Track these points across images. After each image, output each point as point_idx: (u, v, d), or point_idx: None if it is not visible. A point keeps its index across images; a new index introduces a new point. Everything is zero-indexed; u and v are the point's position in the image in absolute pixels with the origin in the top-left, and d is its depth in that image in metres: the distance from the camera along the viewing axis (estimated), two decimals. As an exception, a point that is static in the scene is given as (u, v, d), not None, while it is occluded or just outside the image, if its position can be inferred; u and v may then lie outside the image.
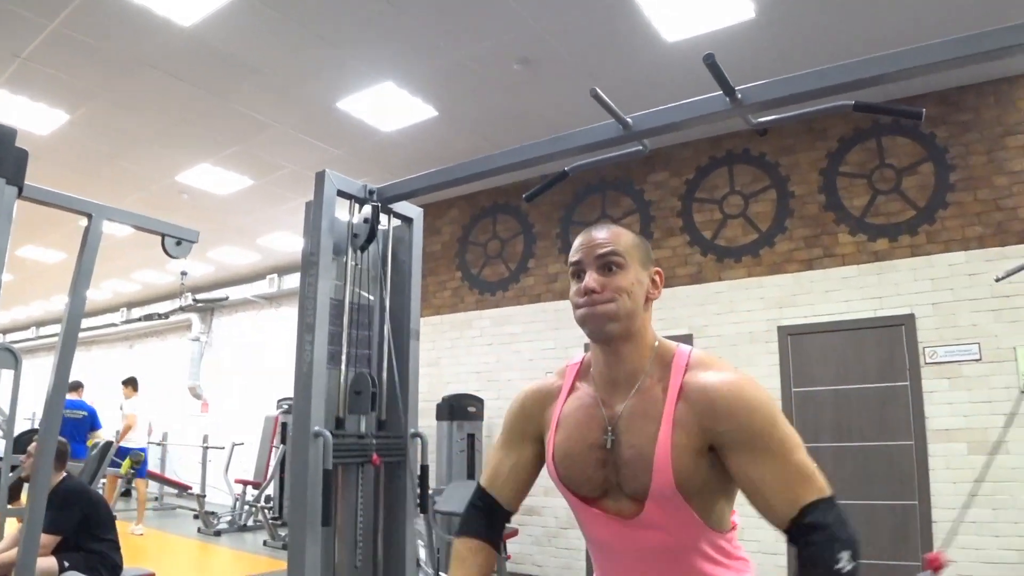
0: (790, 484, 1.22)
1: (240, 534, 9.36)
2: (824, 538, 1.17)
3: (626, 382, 1.39)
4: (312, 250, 2.72)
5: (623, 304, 1.34)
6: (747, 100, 2.08)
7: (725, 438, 1.26)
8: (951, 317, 5.17)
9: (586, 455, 1.38)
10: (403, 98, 5.65)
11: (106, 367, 16.42)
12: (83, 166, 7.19)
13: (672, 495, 1.28)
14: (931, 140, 5.43)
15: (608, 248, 1.37)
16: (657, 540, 1.34)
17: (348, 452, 2.74)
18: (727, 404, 1.27)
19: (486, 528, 1.54)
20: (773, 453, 1.23)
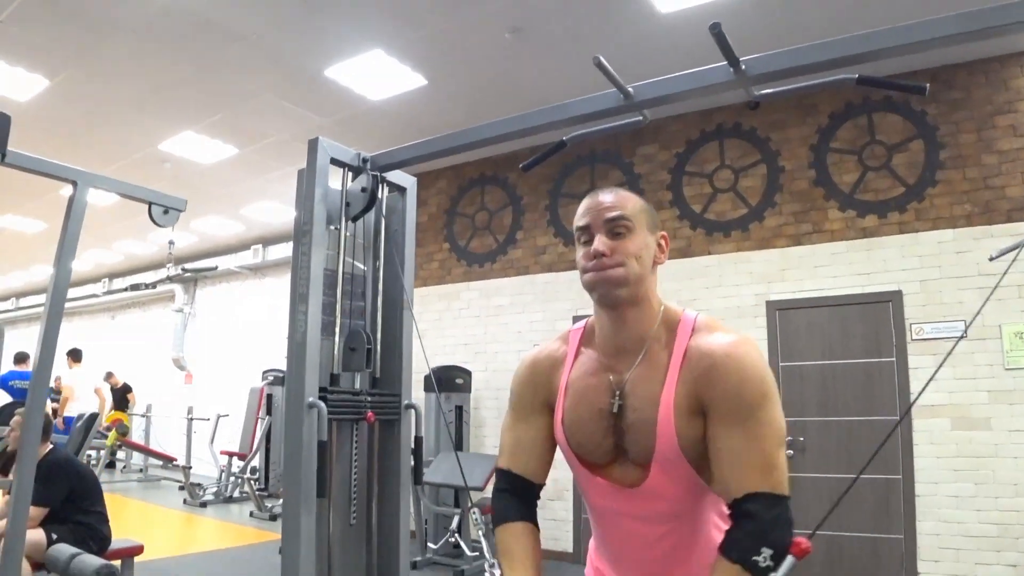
0: (748, 466, 1.22)
1: (226, 505, 9.37)
2: (753, 529, 1.19)
3: (633, 347, 1.38)
4: (305, 219, 2.68)
5: (632, 268, 1.34)
6: (751, 71, 2.05)
7: (711, 403, 1.27)
8: (938, 294, 5.20)
9: (595, 422, 1.38)
10: (392, 66, 5.57)
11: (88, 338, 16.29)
12: (63, 134, 7.05)
13: (676, 458, 1.28)
14: (922, 118, 5.43)
15: (616, 212, 1.36)
16: (661, 508, 1.35)
17: (343, 408, 2.72)
18: (720, 372, 1.27)
19: (522, 508, 1.50)
20: (745, 432, 1.23)
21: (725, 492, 1.25)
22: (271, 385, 9.95)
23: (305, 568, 2.53)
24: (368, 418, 2.78)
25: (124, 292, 14.61)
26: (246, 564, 6.18)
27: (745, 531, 1.20)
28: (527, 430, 1.52)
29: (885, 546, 5.14)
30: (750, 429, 1.23)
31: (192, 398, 12.37)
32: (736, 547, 1.19)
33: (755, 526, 1.19)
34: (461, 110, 6.28)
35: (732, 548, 1.19)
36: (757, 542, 1.17)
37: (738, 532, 1.21)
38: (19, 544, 2.97)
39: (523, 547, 1.44)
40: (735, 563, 1.18)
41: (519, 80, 5.79)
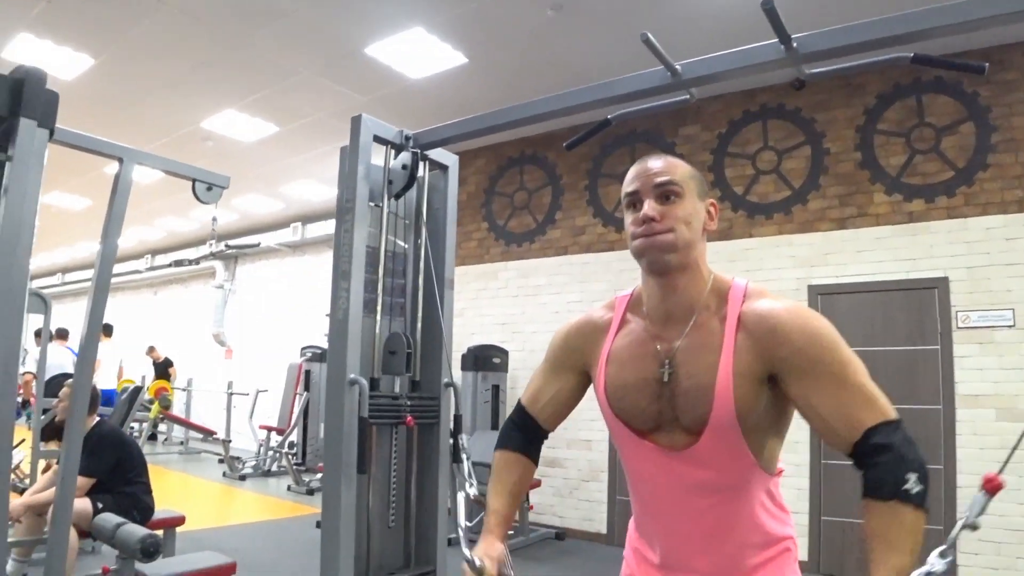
0: (853, 407, 1.20)
1: (264, 479, 9.53)
2: (890, 459, 1.15)
3: (683, 315, 1.37)
4: (348, 196, 2.69)
5: (682, 234, 1.32)
6: (803, 49, 2.01)
7: (786, 364, 1.26)
8: (985, 282, 5.07)
9: (641, 388, 1.37)
10: (433, 44, 5.55)
11: (131, 313, 16.64)
12: (107, 112, 7.15)
13: (731, 425, 1.27)
14: (973, 99, 5.27)
15: (666, 177, 1.35)
16: (706, 476, 1.33)
17: (382, 412, 2.75)
18: (787, 329, 1.26)
19: (524, 443, 1.59)
20: (835, 377, 1.22)
21: (840, 442, 1.22)
22: (309, 361, 10.08)
23: (344, 541, 2.56)
24: (407, 422, 2.83)
25: (166, 268, 14.88)
26: (284, 537, 6.29)
27: (882, 465, 1.16)
28: (552, 383, 1.57)
29: (924, 537, 5.05)
30: (837, 373, 1.22)
31: (232, 373, 12.59)
32: (882, 484, 1.15)
33: (889, 456, 1.15)
34: (501, 89, 6.24)
35: (879, 486, 1.15)
36: (899, 470, 1.14)
37: (875, 469, 1.16)
38: (67, 513, 3.06)
39: (512, 474, 1.57)
40: (888, 500, 1.13)
41: (560, 58, 5.73)
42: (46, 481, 4.26)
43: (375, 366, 2.79)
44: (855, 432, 1.19)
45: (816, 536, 5.41)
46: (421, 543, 3.03)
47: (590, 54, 5.59)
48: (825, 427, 1.23)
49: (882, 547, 1.12)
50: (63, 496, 3.03)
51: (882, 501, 1.14)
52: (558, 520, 6.72)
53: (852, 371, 1.23)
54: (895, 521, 1.12)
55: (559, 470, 6.75)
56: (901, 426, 1.19)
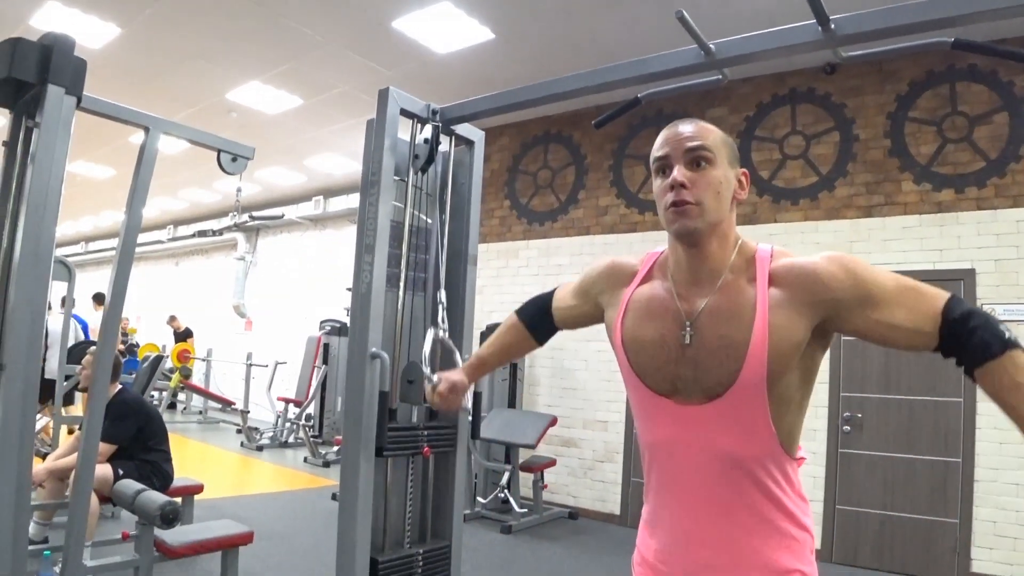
0: (921, 304, 1.24)
1: (281, 450, 9.63)
2: (980, 320, 1.18)
3: (708, 279, 1.35)
4: (373, 170, 2.68)
5: (710, 203, 1.31)
6: (840, 31, 1.96)
7: (841, 303, 1.26)
8: (1013, 275, 4.99)
9: (659, 347, 1.36)
10: (460, 19, 5.51)
11: (153, 283, 16.80)
12: (133, 82, 7.17)
13: (757, 385, 1.26)
14: (1008, 88, 5.16)
15: (697, 142, 1.33)
16: (724, 441, 1.31)
17: (399, 445, 2.76)
18: (831, 271, 1.27)
19: (535, 320, 1.79)
20: (892, 292, 1.25)
21: (928, 339, 1.23)
22: (328, 335, 10.14)
23: (362, 516, 2.58)
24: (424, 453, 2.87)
25: (189, 239, 14.98)
26: (300, 507, 6.36)
27: (979, 329, 1.17)
28: (575, 299, 1.69)
29: (939, 530, 5.03)
30: (892, 288, 1.26)
31: (251, 345, 12.69)
32: (990, 343, 1.15)
33: (978, 319, 1.18)
34: (528, 66, 6.19)
35: (988, 347, 1.15)
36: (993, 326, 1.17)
37: (975, 335, 1.17)
38: (88, 478, 3.10)
39: (510, 336, 1.81)
40: (1002, 353, 1.14)
41: (588, 36, 5.66)
42: (69, 447, 4.33)
43: (393, 396, 2.76)
44: (937, 320, 1.22)
45: (831, 525, 5.39)
46: (437, 518, 3.04)
47: (619, 31, 5.52)
48: (907, 335, 1.25)
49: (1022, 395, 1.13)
50: (85, 462, 3.07)
51: (997, 358, 1.15)
52: (572, 500, 6.75)
53: (899, 281, 1.27)
54: (1019, 366, 1.14)
55: (574, 450, 6.76)
56: (959, 296, 1.24)
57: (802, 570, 1.33)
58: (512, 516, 6.04)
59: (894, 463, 5.24)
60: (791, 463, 1.35)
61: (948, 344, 1.21)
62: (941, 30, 1.97)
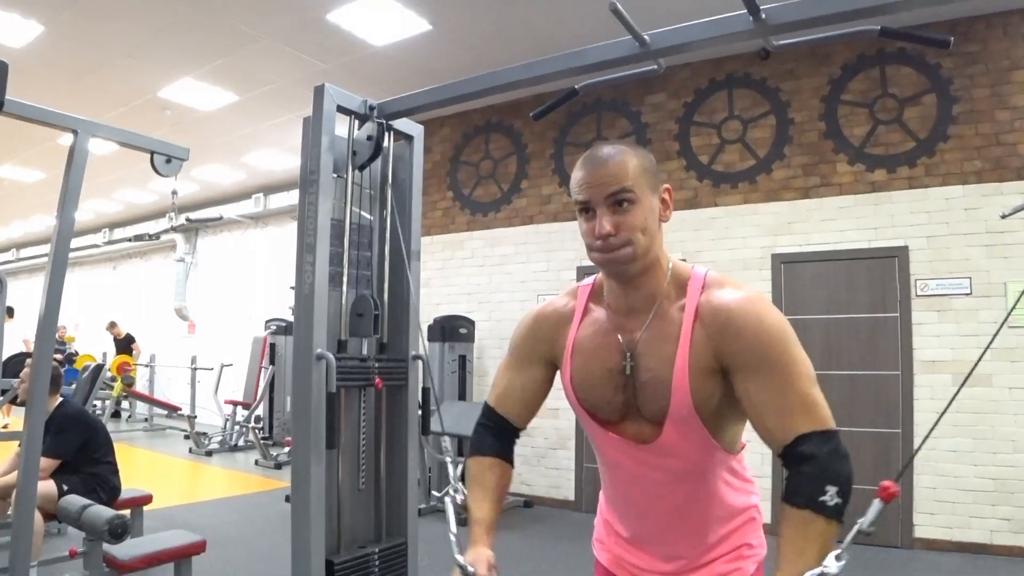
0: (790, 411, 1.21)
1: (231, 454, 9.48)
2: (813, 469, 1.17)
3: (643, 307, 1.36)
4: (311, 168, 2.64)
5: (640, 244, 1.30)
6: (771, 20, 2.00)
7: (734, 359, 1.26)
8: (944, 251, 5.18)
9: (605, 380, 1.38)
10: (396, 10, 5.45)
11: (90, 289, 16.32)
12: (59, 81, 6.93)
13: (689, 416, 1.28)
14: (936, 71, 5.33)
15: (617, 186, 1.29)
16: (672, 464, 1.36)
17: (350, 375, 2.73)
18: (738, 325, 1.25)
19: (498, 445, 1.53)
20: (778, 377, 1.22)
21: (773, 442, 1.23)
22: (274, 334, 9.98)
23: (315, 516, 2.55)
24: (376, 384, 2.80)
25: (126, 242, 14.57)
26: (253, 511, 6.27)
27: (804, 474, 1.18)
28: (519, 377, 1.54)
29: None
30: (781, 374, 1.22)
31: (195, 348, 12.42)
32: (800, 492, 1.17)
33: (813, 466, 1.17)
34: (467, 56, 6.16)
35: (796, 494, 1.17)
36: (819, 481, 1.16)
37: (798, 477, 1.18)
38: (31, 495, 3.00)
39: (491, 479, 1.50)
40: (803, 508, 1.15)
41: (527, 26, 5.66)
42: (9, 464, 4.18)
43: (342, 329, 2.76)
44: (787, 435, 1.20)
45: (778, 498, 5.52)
46: (392, 515, 3.03)
47: (558, 22, 5.53)
48: (761, 425, 1.25)
49: (790, 552, 1.14)
50: (26, 478, 2.97)
51: (798, 509, 1.16)
52: (526, 488, 6.78)
53: (797, 374, 1.22)
54: (806, 529, 1.15)
55: (527, 439, 6.78)
56: (835, 438, 1.21)
57: (748, 543, 1.44)
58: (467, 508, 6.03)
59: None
60: (735, 457, 1.43)
61: (783, 464, 1.22)
62: (869, 18, 2.02)
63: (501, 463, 1.52)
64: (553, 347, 1.49)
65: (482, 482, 1.50)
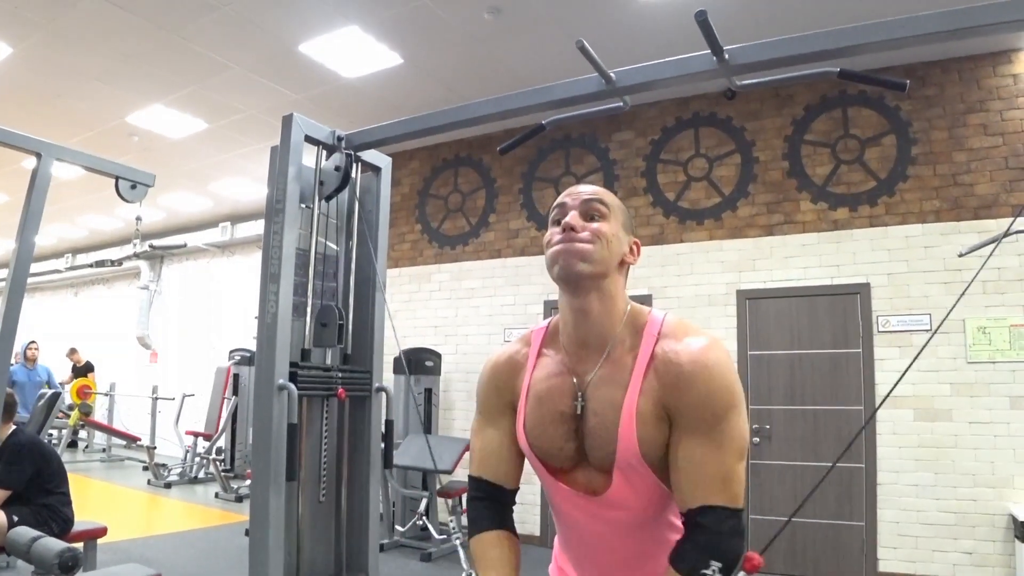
0: (707, 480, 1.21)
1: (191, 486, 9.27)
2: (704, 542, 1.19)
3: (596, 347, 1.34)
4: (277, 197, 2.63)
5: (600, 248, 1.29)
6: (734, 61, 2.05)
7: (676, 414, 1.25)
8: (904, 288, 5.28)
9: (557, 425, 1.35)
10: (368, 43, 5.48)
11: (50, 314, 15.98)
12: (26, 104, 6.85)
13: (637, 464, 1.27)
14: (895, 113, 5.48)
15: (594, 197, 1.34)
16: (624, 517, 1.34)
17: (314, 384, 2.69)
18: (688, 380, 1.23)
19: (496, 517, 1.45)
20: (708, 442, 1.22)
21: (681, 501, 1.24)
22: (238, 365, 9.84)
23: (274, 551, 2.50)
24: (339, 395, 2.76)
25: (88, 268, 14.31)
26: (212, 546, 6.12)
27: (696, 543, 1.20)
28: (494, 435, 1.47)
29: (846, 533, 5.23)
30: (712, 440, 1.21)
31: (157, 377, 12.18)
32: (685, 559, 1.19)
33: (707, 539, 1.19)
34: (437, 90, 6.21)
35: (681, 560, 1.20)
36: (706, 555, 1.18)
37: (689, 544, 1.21)
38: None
39: (498, 555, 1.40)
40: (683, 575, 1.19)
41: (497, 62, 5.74)
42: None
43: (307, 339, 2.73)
44: (695, 501, 1.21)
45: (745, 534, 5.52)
46: (353, 549, 2.98)
47: (527, 59, 5.61)
48: (676, 482, 1.25)
49: None
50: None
51: (678, 574, 1.20)
52: (492, 523, 6.70)
53: (728, 448, 1.22)
54: None
55: (493, 473, 6.73)
56: (737, 516, 1.22)
57: None
58: (432, 543, 5.96)
59: (802, 471, 5.43)
60: None
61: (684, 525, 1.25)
62: (828, 60, 2.08)
63: (504, 535, 1.43)
64: (513, 394, 1.45)
65: (491, 559, 1.39)
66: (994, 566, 4.81)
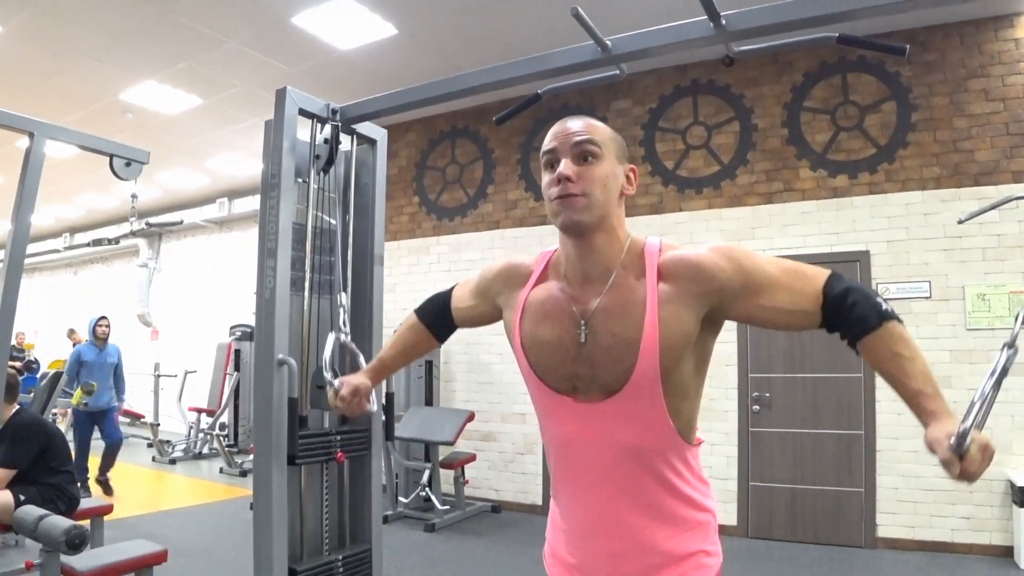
0: (802, 285, 1.29)
1: (195, 462, 9.33)
2: (858, 295, 1.25)
3: (599, 277, 1.37)
4: (273, 172, 2.61)
5: (596, 196, 1.33)
6: (731, 27, 2.02)
7: (724, 293, 1.30)
8: (904, 255, 5.27)
9: (556, 347, 1.38)
10: (362, 14, 5.42)
11: (50, 294, 15.99)
12: (18, 82, 6.80)
13: (653, 381, 1.29)
14: (895, 79, 5.43)
15: (584, 137, 1.35)
16: (624, 436, 1.34)
17: (312, 451, 2.69)
18: (715, 261, 1.30)
19: (435, 320, 1.81)
20: (774, 276, 1.30)
21: (811, 317, 1.30)
22: (239, 340, 9.87)
23: (278, 524, 2.52)
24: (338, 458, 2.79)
25: (86, 247, 14.29)
26: (217, 521, 6.18)
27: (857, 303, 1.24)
28: (471, 300, 1.71)
29: (846, 499, 5.27)
30: (773, 273, 1.30)
31: (159, 355, 12.21)
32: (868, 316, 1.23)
33: (856, 294, 1.25)
34: (432, 61, 6.15)
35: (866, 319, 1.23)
36: (870, 299, 1.24)
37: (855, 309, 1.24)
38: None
39: (410, 336, 1.84)
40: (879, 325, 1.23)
41: (492, 31, 5.67)
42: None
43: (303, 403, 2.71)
44: (819, 299, 1.28)
45: (745, 501, 5.58)
46: (356, 522, 3.00)
47: (522, 27, 5.55)
48: (793, 317, 1.30)
49: (900, 362, 1.22)
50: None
51: (875, 330, 1.22)
52: (494, 494, 6.77)
53: (781, 265, 1.32)
54: (895, 337, 1.22)
55: (494, 444, 6.78)
56: (839, 272, 1.30)
57: (704, 549, 1.40)
58: (435, 514, 6.01)
59: (802, 438, 5.46)
60: (690, 449, 1.40)
61: (831, 320, 1.27)
62: (827, 25, 2.05)
63: (427, 332, 1.82)
64: (503, 299, 1.56)
65: (404, 335, 1.85)
66: (992, 531, 4.86)
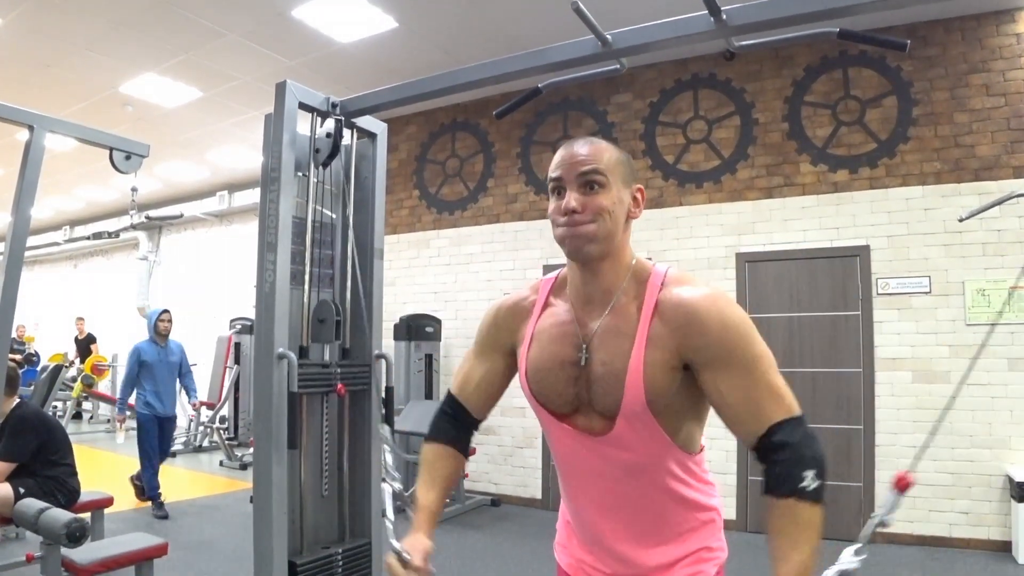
0: (760, 402, 1.23)
1: (195, 455, 9.36)
2: (789, 456, 1.19)
3: (601, 299, 1.38)
4: (273, 166, 2.61)
5: (603, 225, 1.32)
6: (732, 21, 2.01)
7: (699, 354, 1.27)
8: (904, 250, 5.27)
9: (558, 372, 1.39)
10: (362, 7, 5.41)
11: (50, 287, 15.99)
12: (18, 75, 6.78)
13: (642, 412, 1.29)
14: (896, 73, 5.42)
15: (590, 166, 1.34)
16: (626, 456, 1.35)
17: (312, 381, 2.70)
18: (701, 320, 1.26)
19: (454, 433, 1.56)
20: (745, 370, 1.24)
21: (746, 435, 1.25)
22: (239, 334, 9.86)
23: (278, 517, 2.53)
24: (339, 391, 2.78)
25: (86, 240, 14.28)
26: (217, 513, 6.19)
27: (782, 462, 1.19)
28: (480, 367, 1.57)
29: (845, 494, 5.28)
30: (747, 368, 1.24)
31: (159, 347, 12.19)
32: (781, 481, 1.19)
33: (789, 453, 1.19)
34: (432, 54, 6.14)
35: (779, 484, 1.19)
36: (797, 467, 1.18)
37: (777, 466, 1.20)
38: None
39: (441, 468, 1.53)
40: (787, 497, 1.17)
41: (492, 24, 5.66)
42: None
43: (304, 335, 2.73)
44: (761, 426, 1.23)
45: (744, 495, 5.59)
46: (356, 515, 3.01)
47: (523, 21, 5.53)
48: (734, 418, 1.26)
49: (783, 543, 1.16)
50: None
51: (781, 499, 1.18)
52: (493, 487, 6.78)
53: (763, 366, 1.25)
54: (793, 518, 1.17)
55: (493, 437, 6.79)
56: (803, 422, 1.23)
57: (707, 546, 1.43)
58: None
59: (800, 434, 5.46)
60: (693, 457, 1.41)
61: (758, 456, 1.25)
62: (828, 20, 2.04)
63: (455, 453, 1.55)
64: (514, 338, 1.51)
65: (433, 469, 1.53)
66: (990, 526, 4.87)
